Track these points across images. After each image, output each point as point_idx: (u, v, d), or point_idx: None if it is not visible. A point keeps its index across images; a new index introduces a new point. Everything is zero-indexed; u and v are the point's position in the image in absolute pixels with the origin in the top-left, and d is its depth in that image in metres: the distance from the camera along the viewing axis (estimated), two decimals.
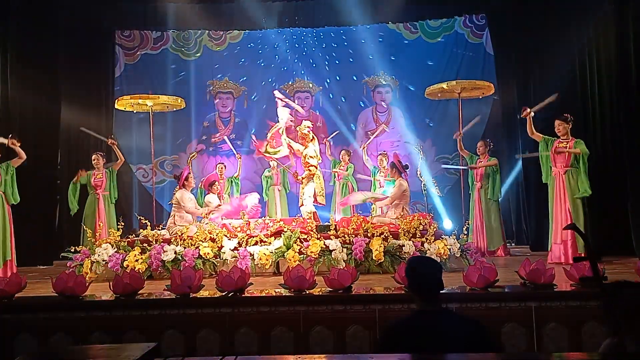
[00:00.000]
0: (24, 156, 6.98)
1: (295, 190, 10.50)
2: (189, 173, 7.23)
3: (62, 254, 6.90)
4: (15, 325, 3.92)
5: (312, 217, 6.66)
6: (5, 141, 6.89)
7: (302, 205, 6.90)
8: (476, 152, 7.99)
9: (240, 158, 9.78)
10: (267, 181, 10.03)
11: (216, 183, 7.64)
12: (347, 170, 9.64)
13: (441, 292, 2.49)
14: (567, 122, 6.41)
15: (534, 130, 6.58)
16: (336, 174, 9.67)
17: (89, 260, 5.96)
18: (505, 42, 9.10)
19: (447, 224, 9.51)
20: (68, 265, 6.25)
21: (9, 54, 8.16)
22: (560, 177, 6.39)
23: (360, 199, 7.75)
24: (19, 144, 6.91)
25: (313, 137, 7.07)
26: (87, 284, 4.14)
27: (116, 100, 9.43)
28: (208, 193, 7.50)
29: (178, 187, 7.17)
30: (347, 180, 9.63)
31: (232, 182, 9.59)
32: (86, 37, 9.46)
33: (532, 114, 6.58)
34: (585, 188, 6.26)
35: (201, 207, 7.29)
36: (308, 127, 7.00)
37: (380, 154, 9.38)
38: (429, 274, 2.45)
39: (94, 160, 7.98)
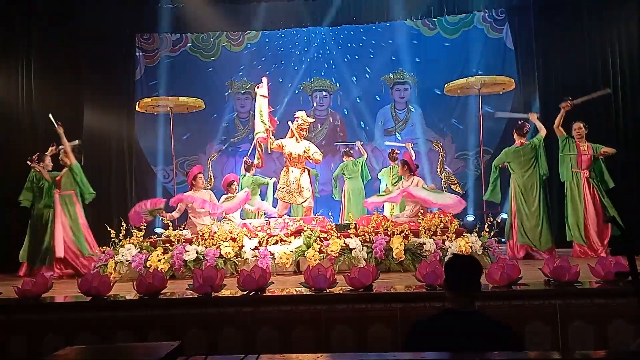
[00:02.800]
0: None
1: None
2: (200, 172, 7.16)
3: (86, 254, 7.02)
4: (41, 325, 4.00)
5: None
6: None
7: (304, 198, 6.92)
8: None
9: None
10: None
11: (235, 183, 7.68)
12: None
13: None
14: (586, 126, 6.56)
15: (561, 123, 6.54)
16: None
17: (113, 261, 6.05)
18: (526, 36, 8.98)
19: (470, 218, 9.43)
20: (92, 265, 6.36)
21: (32, 59, 8.33)
22: (584, 179, 6.51)
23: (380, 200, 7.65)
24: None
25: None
26: (111, 283, 4.20)
27: (137, 103, 9.56)
28: (226, 193, 7.56)
29: (189, 187, 7.18)
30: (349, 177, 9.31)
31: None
32: (107, 41, 9.60)
33: (570, 107, 6.54)
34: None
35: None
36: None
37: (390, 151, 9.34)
38: (465, 273, 2.42)
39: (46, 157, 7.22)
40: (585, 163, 6.53)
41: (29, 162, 7.13)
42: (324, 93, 11.45)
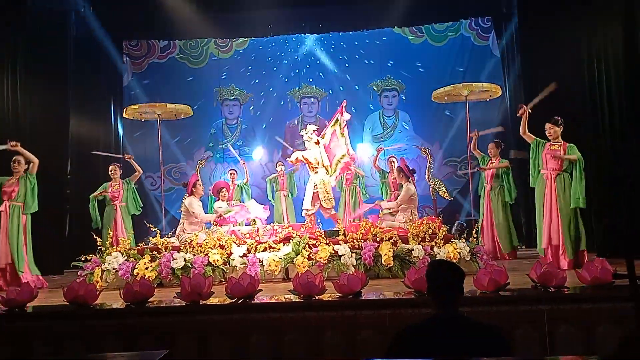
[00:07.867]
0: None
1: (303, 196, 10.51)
2: (197, 180, 7.19)
3: (72, 263, 6.94)
4: (27, 334, 3.94)
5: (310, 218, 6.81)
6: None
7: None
8: (487, 154, 7.83)
9: (244, 164, 9.72)
10: (272, 187, 9.93)
11: (224, 189, 7.66)
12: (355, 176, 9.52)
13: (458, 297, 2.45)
14: (558, 125, 6.11)
15: (526, 130, 6.28)
16: (345, 178, 9.60)
17: (100, 269, 5.99)
18: (511, 44, 9.08)
19: None
20: (79, 274, 6.28)
21: (18, 65, 8.24)
22: (552, 181, 6.07)
23: (368, 207, 7.70)
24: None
25: (317, 140, 7.03)
26: (97, 292, 4.15)
27: (124, 109, 9.51)
28: (217, 199, 7.54)
29: (187, 194, 7.16)
30: (355, 185, 9.51)
31: (242, 188, 9.52)
32: (94, 47, 9.54)
33: (529, 111, 6.27)
34: (580, 197, 5.83)
35: (210, 213, 7.30)
36: (313, 130, 7.10)
37: (390, 157, 9.37)
38: (448, 278, 2.41)
39: (111, 171, 8.06)
40: (553, 163, 6.06)
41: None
42: (313, 100, 11.48)
